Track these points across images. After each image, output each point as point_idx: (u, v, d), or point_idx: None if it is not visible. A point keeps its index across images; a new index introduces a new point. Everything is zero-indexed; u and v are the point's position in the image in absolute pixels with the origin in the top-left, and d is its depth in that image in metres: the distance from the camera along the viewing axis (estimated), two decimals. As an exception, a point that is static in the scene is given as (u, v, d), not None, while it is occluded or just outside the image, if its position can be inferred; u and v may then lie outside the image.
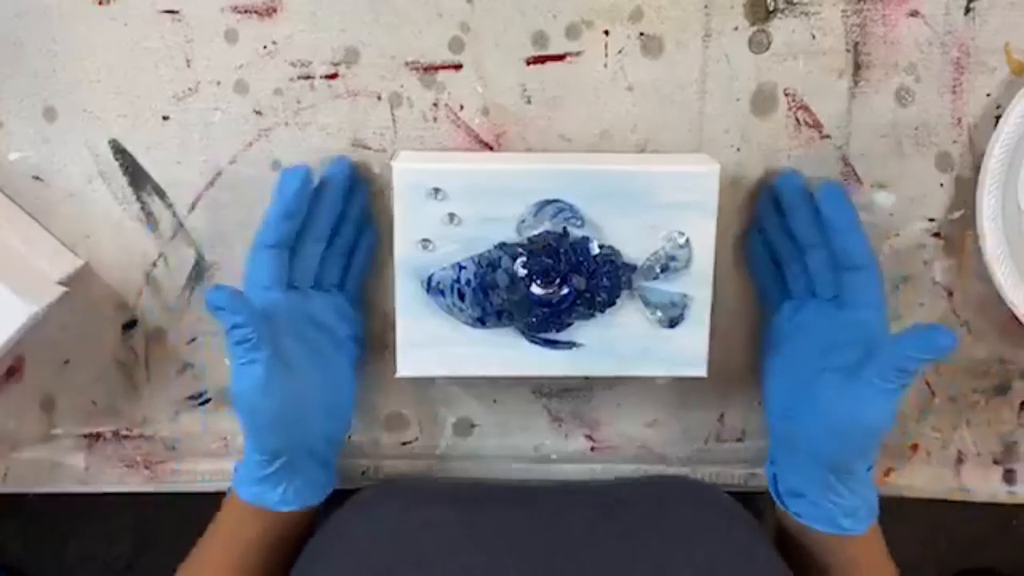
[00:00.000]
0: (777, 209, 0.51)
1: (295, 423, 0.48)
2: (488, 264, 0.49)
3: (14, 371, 0.57)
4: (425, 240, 0.49)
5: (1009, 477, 0.59)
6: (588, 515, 0.49)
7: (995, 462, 0.59)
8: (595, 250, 0.49)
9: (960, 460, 0.59)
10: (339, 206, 0.50)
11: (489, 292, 0.49)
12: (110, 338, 0.56)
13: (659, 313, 0.50)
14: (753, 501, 0.55)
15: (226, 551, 0.49)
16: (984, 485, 0.59)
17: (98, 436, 0.59)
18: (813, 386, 0.48)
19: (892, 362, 0.45)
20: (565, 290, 0.49)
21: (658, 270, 0.49)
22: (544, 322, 0.49)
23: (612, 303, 0.50)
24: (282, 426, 0.47)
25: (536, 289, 0.49)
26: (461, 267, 0.49)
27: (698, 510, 0.49)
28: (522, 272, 0.49)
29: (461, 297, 0.49)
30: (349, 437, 0.58)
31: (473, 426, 0.58)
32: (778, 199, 0.51)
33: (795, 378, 0.50)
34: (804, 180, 0.51)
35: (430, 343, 0.50)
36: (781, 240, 0.52)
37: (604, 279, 0.49)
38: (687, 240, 0.49)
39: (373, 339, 0.56)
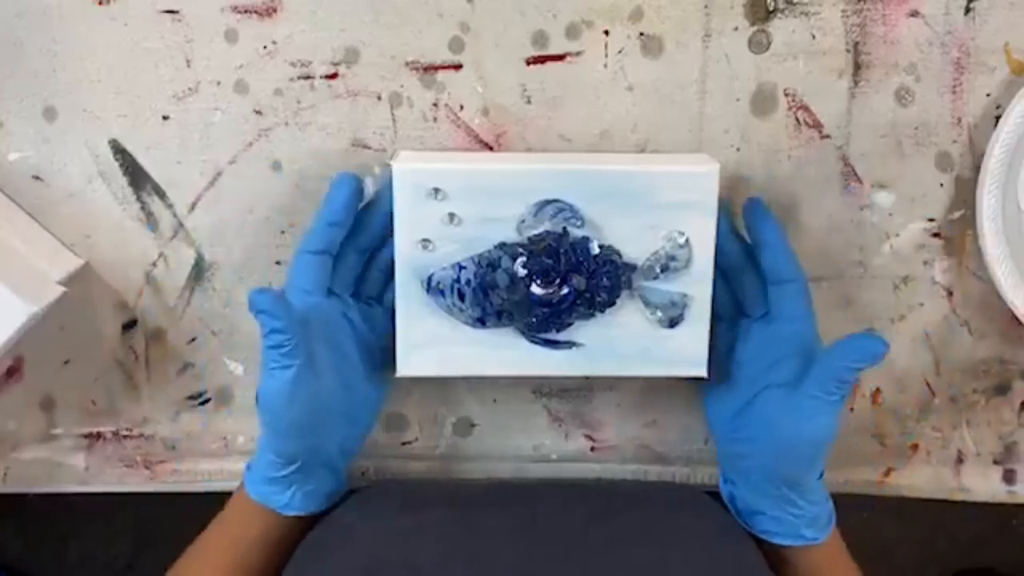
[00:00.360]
0: None
1: (314, 431, 0.48)
2: (488, 264, 0.49)
3: (14, 371, 0.57)
4: (425, 240, 0.49)
5: (1009, 477, 0.59)
6: (581, 519, 0.49)
7: (995, 462, 0.59)
8: (595, 250, 0.49)
9: (960, 460, 0.59)
10: (384, 219, 0.50)
11: (489, 292, 0.49)
12: (110, 338, 0.56)
13: (659, 313, 0.50)
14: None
15: (229, 548, 0.50)
16: (984, 485, 0.59)
17: (98, 436, 0.59)
18: (756, 404, 0.49)
19: (831, 373, 0.46)
20: (565, 290, 0.49)
21: (658, 270, 0.49)
22: (544, 322, 0.49)
23: (612, 303, 0.50)
24: (301, 433, 0.48)
25: (536, 289, 0.49)
26: (461, 267, 0.49)
27: (688, 517, 0.50)
28: (522, 272, 0.49)
29: (461, 297, 0.49)
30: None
31: (473, 426, 0.58)
32: None
33: (738, 399, 0.50)
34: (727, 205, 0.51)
35: (430, 343, 0.50)
36: None
37: (604, 279, 0.49)
38: (687, 240, 0.49)
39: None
